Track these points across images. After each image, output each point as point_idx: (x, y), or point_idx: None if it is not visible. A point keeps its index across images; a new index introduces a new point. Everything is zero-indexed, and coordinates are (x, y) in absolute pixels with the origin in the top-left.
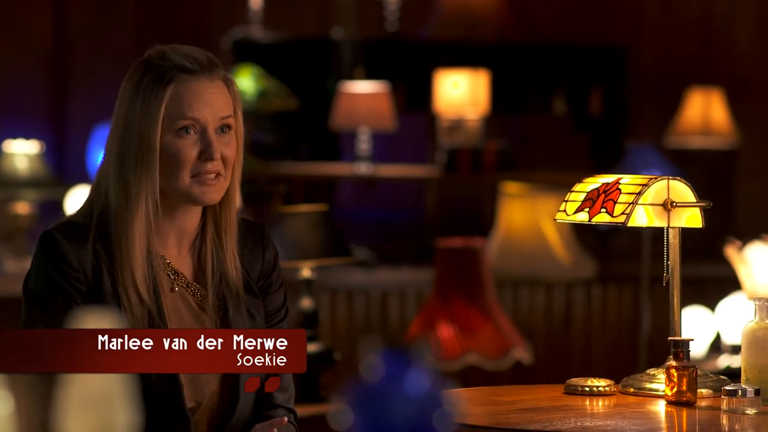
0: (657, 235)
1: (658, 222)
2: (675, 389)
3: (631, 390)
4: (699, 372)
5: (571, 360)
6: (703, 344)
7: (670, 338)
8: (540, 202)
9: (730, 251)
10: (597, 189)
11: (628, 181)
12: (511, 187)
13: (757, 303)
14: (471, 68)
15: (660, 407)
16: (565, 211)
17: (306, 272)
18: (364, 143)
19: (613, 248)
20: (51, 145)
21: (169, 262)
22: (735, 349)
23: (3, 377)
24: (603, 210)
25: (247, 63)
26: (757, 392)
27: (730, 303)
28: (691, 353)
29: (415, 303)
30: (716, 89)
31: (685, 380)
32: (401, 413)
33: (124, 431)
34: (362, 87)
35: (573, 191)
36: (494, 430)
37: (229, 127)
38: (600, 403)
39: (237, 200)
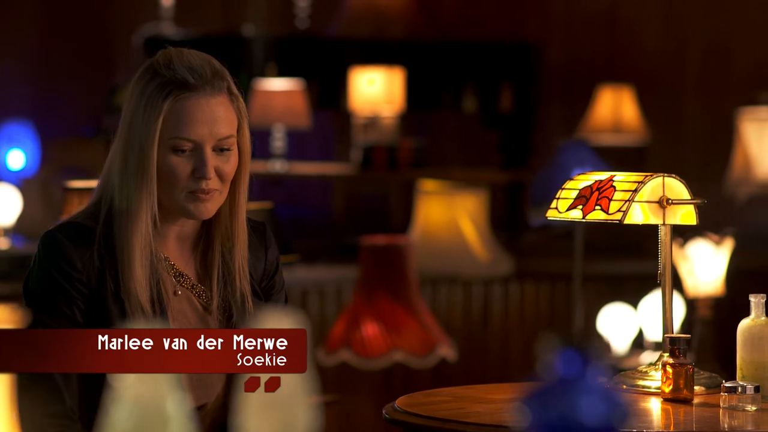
0: (586, 230)
1: (654, 219)
2: (672, 386)
3: (624, 387)
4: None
5: (490, 357)
6: (626, 341)
7: (666, 335)
8: (457, 199)
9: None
10: (590, 186)
11: (623, 179)
12: (428, 185)
13: (753, 300)
14: (386, 65)
15: (654, 404)
16: (556, 208)
17: None
18: (279, 141)
19: (523, 246)
20: None
21: (174, 264)
22: (658, 346)
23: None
24: (597, 207)
25: None
26: (756, 389)
27: (653, 300)
28: (612, 350)
29: (336, 301)
30: (626, 86)
31: (682, 377)
32: (579, 411)
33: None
34: (277, 84)
35: (564, 188)
36: (502, 429)
37: (229, 144)
38: None
39: (244, 212)
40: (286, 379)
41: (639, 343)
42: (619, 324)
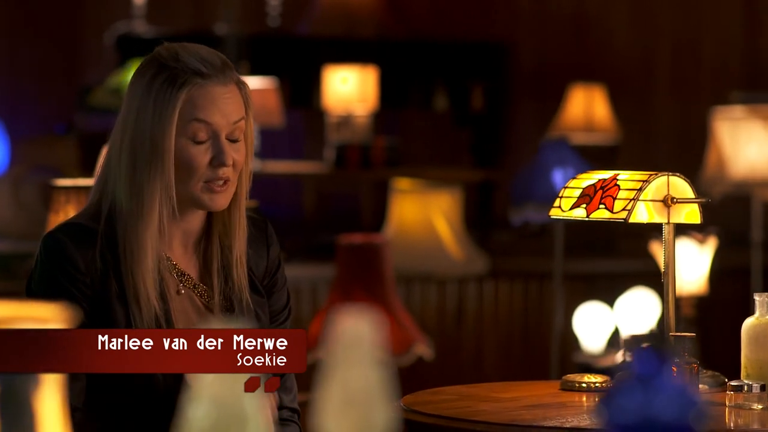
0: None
1: (658, 218)
2: None
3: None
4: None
5: (464, 355)
6: (601, 340)
7: (671, 334)
8: (432, 198)
9: (655, 247)
10: (593, 185)
11: (627, 177)
12: (402, 183)
13: (757, 298)
14: (360, 64)
15: None
16: (560, 207)
17: None
18: None
19: (494, 245)
20: None
21: (176, 264)
22: None
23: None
24: (602, 206)
25: (131, 58)
26: (762, 387)
27: (629, 298)
28: (587, 349)
29: (311, 300)
30: (598, 85)
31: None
32: (656, 410)
33: (382, 430)
34: (249, 83)
35: (567, 187)
36: (513, 427)
37: (239, 131)
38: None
39: (244, 205)
40: (364, 376)
41: (615, 342)
42: (594, 322)
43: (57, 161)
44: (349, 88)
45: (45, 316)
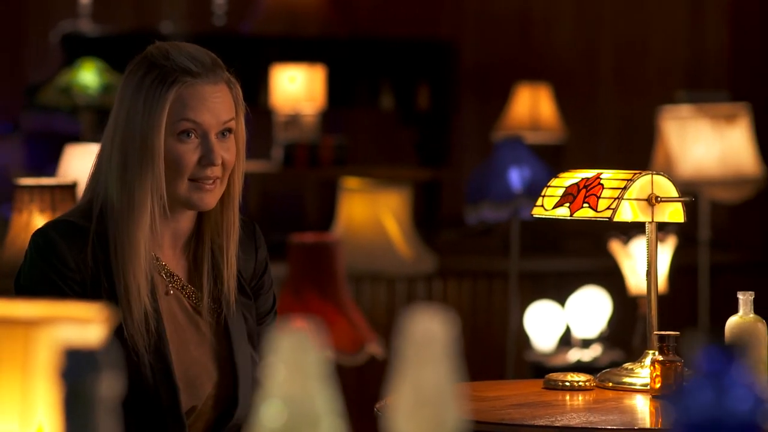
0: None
1: (642, 217)
2: (662, 383)
3: (610, 384)
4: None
5: None
6: (553, 338)
7: (655, 332)
8: (380, 197)
9: (615, 246)
10: (576, 184)
11: (610, 176)
12: (351, 182)
13: (741, 297)
14: (307, 63)
15: (642, 401)
16: (542, 206)
17: None
18: None
19: (440, 244)
20: None
21: (164, 264)
22: (585, 343)
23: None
24: (586, 205)
25: (77, 57)
26: None
27: (580, 297)
28: (539, 348)
29: None
30: (543, 84)
31: (672, 374)
32: (728, 408)
33: (454, 430)
34: None
35: (549, 186)
36: (504, 426)
37: (230, 131)
38: (585, 398)
39: (237, 206)
40: (436, 376)
41: (566, 341)
42: (546, 321)
43: (3, 160)
44: (296, 87)
45: (85, 316)
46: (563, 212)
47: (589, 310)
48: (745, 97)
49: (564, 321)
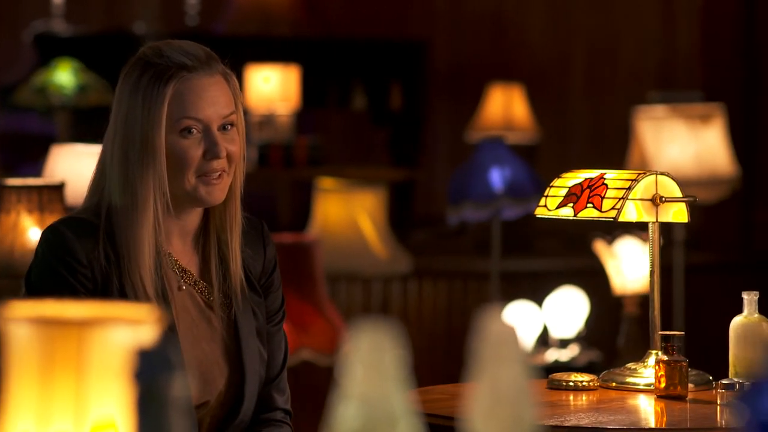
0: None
1: (646, 217)
2: (666, 383)
3: (613, 384)
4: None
5: None
6: (530, 338)
7: (660, 332)
8: (356, 197)
9: (599, 246)
10: (580, 184)
11: (615, 176)
12: (326, 183)
13: (746, 297)
14: (282, 63)
15: (647, 401)
16: (545, 206)
17: None
18: None
19: (412, 244)
20: None
21: (177, 260)
22: (563, 343)
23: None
24: (590, 205)
25: (50, 57)
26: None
27: (557, 297)
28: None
29: None
30: (517, 85)
31: (676, 374)
32: None
33: (531, 429)
34: None
35: (552, 186)
36: None
37: (231, 123)
38: (590, 398)
39: (239, 198)
40: (513, 375)
41: (544, 341)
42: (523, 321)
43: None
44: (271, 87)
45: (137, 317)
46: (567, 212)
47: (566, 310)
48: (717, 98)
49: (541, 321)
